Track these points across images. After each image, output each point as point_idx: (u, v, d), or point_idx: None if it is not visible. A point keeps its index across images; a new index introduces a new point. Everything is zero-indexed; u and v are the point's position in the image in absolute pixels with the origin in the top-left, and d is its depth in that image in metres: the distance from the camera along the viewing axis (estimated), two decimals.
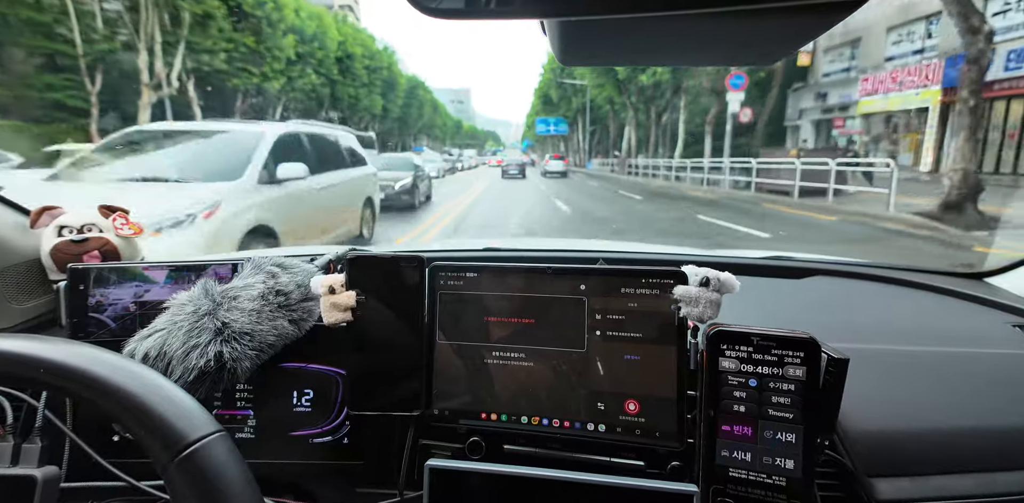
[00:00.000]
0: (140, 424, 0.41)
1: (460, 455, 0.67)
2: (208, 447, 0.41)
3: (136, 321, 0.76)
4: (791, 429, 0.54)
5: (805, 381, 0.54)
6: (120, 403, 0.42)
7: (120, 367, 0.44)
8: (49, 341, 0.45)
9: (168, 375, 0.59)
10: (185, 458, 0.40)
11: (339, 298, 0.64)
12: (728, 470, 0.56)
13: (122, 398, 0.42)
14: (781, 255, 1.29)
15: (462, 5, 0.32)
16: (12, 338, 0.45)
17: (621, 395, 0.62)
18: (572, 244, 1.50)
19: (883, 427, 0.65)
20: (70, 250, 0.87)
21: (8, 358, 0.43)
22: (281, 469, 0.72)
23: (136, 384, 0.43)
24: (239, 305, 0.65)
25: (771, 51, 0.42)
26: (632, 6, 0.30)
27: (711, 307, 0.59)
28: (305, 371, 0.74)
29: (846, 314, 0.99)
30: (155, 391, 0.43)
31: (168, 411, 0.42)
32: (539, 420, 0.64)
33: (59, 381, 0.43)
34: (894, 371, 0.75)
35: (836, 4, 0.32)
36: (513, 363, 0.65)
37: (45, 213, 0.90)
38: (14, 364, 0.43)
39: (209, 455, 0.40)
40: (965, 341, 0.84)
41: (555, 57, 0.42)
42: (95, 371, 0.43)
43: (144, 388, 0.43)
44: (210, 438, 0.41)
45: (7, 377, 0.46)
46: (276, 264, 0.73)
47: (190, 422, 0.42)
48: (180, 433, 0.41)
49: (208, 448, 0.41)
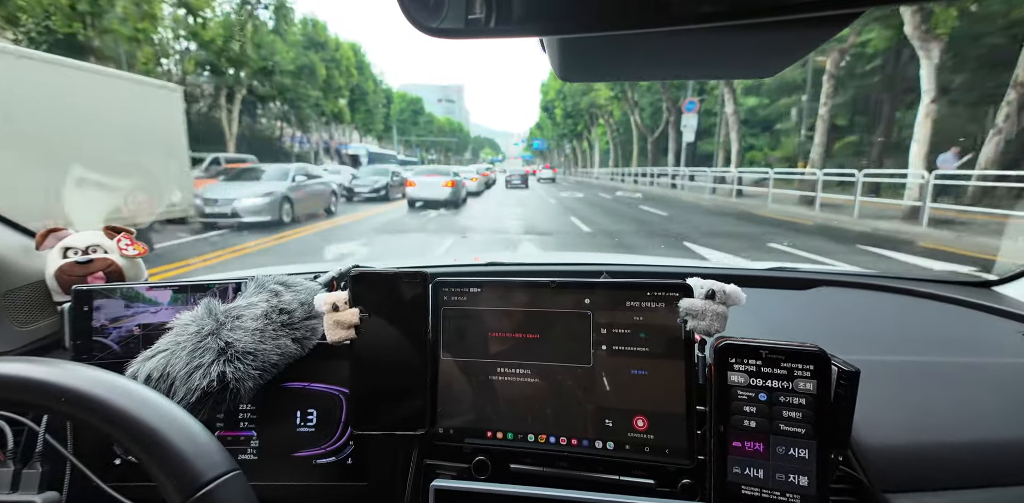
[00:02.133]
0: (155, 460, 0.41)
1: (466, 475, 0.66)
2: (222, 488, 0.40)
3: (140, 342, 0.76)
4: (803, 444, 0.53)
5: (816, 395, 0.53)
6: (136, 437, 0.41)
7: (138, 397, 0.43)
8: (65, 366, 0.44)
9: (171, 396, 0.58)
10: (199, 499, 0.39)
11: (343, 316, 0.64)
12: (740, 487, 0.55)
13: (139, 432, 0.41)
14: (785, 266, 1.29)
15: (462, 25, 0.32)
16: (30, 362, 0.44)
17: (629, 411, 0.61)
18: (575, 257, 1.50)
19: (897, 441, 0.64)
20: (75, 271, 0.87)
21: (24, 383, 0.42)
22: (284, 491, 0.71)
23: (155, 417, 0.42)
24: (242, 324, 0.65)
25: (769, 63, 0.42)
26: (629, 23, 0.31)
27: (718, 320, 0.58)
28: (308, 390, 0.73)
29: (853, 325, 0.98)
30: (173, 426, 0.42)
31: (186, 448, 0.41)
32: (546, 438, 0.63)
33: (75, 410, 0.42)
34: (905, 382, 0.73)
35: (832, 17, 0.32)
36: (518, 379, 0.64)
37: (50, 235, 0.91)
38: (31, 389, 0.42)
39: (223, 497, 0.40)
40: (975, 351, 0.83)
41: (555, 73, 0.42)
42: (114, 401, 0.42)
43: (163, 422, 0.42)
44: (225, 478, 0.41)
45: (21, 403, 0.45)
46: (279, 282, 0.73)
47: (206, 460, 0.41)
48: (196, 472, 0.40)
49: (222, 489, 0.40)
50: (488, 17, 0.32)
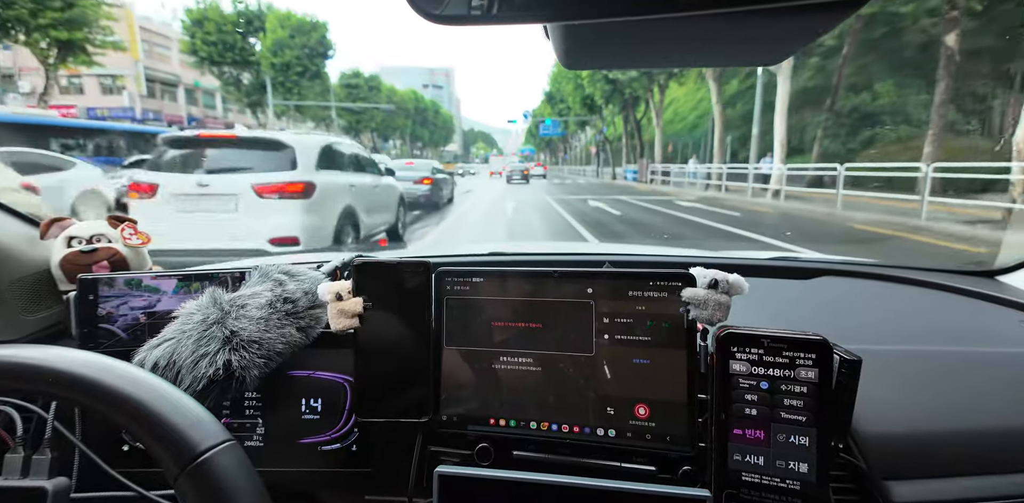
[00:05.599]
0: (151, 434, 0.41)
1: (469, 461, 0.67)
2: (218, 456, 0.41)
3: (146, 330, 0.77)
4: (804, 432, 0.54)
5: (817, 383, 0.53)
6: (130, 413, 0.42)
7: (130, 376, 0.44)
8: (55, 350, 0.45)
9: (177, 384, 0.59)
10: (196, 468, 0.40)
11: (346, 305, 0.64)
12: (741, 474, 0.55)
13: (132, 408, 0.42)
14: (787, 256, 1.29)
15: (465, 11, 0.32)
16: (19, 348, 0.45)
17: (631, 399, 0.62)
18: (578, 247, 1.50)
19: (897, 429, 0.64)
20: (79, 261, 0.88)
21: (15, 368, 0.43)
22: (290, 477, 0.72)
23: (146, 393, 0.43)
24: (247, 313, 0.65)
25: (775, 51, 0.42)
26: (634, 9, 0.30)
27: (720, 309, 0.58)
28: (313, 379, 0.74)
29: (856, 314, 0.98)
30: (165, 400, 0.43)
31: (179, 421, 0.42)
32: (548, 425, 0.64)
33: (67, 391, 0.42)
34: (907, 371, 0.74)
35: (838, 4, 0.32)
36: (521, 368, 0.65)
37: (55, 224, 0.91)
38: (21, 373, 0.43)
39: (220, 465, 0.40)
40: (978, 340, 0.83)
41: (559, 61, 0.42)
42: (104, 380, 0.43)
43: (154, 397, 0.43)
44: (220, 447, 0.41)
45: (14, 388, 0.46)
46: (283, 272, 0.73)
47: (200, 431, 0.42)
48: (191, 443, 0.41)
49: (218, 457, 0.41)
50: (492, 3, 0.32)
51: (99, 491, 0.65)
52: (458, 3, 0.32)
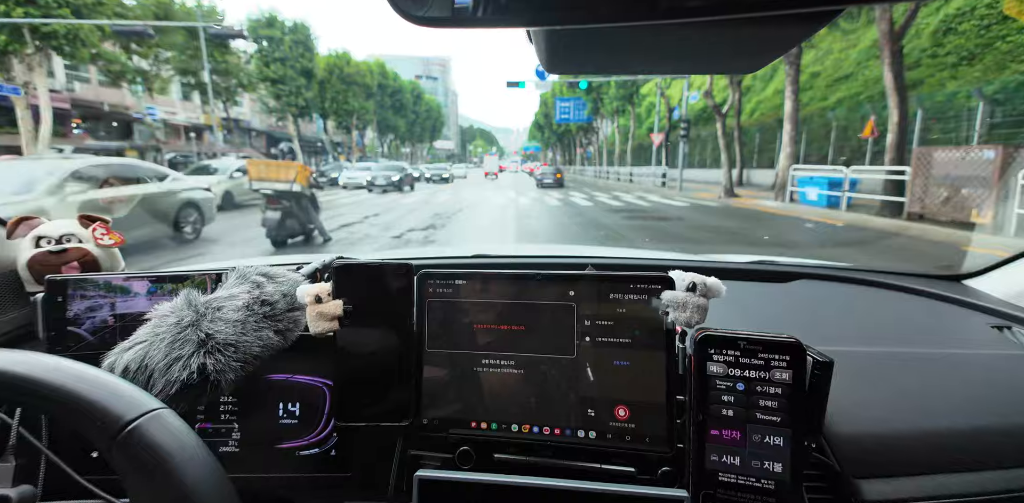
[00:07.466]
0: (75, 414, 0.41)
1: (450, 465, 0.67)
2: (145, 425, 0.41)
3: (116, 333, 0.74)
4: (778, 432, 0.55)
5: (791, 384, 0.54)
6: (50, 398, 0.42)
7: (41, 364, 0.44)
8: None
9: (149, 388, 0.57)
10: (124, 439, 0.40)
11: (326, 307, 0.63)
12: (718, 474, 0.56)
13: (51, 392, 0.42)
14: (765, 259, 1.31)
15: (448, 13, 0.32)
16: None
17: (611, 401, 0.62)
18: (561, 250, 1.50)
19: (869, 429, 0.66)
20: (48, 261, 0.85)
21: None
22: (267, 483, 0.71)
23: (62, 376, 0.43)
24: (223, 316, 0.64)
25: (754, 58, 0.43)
26: (618, 16, 0.31)
27: (698, 312, 0.59)
28: (291, 382, 0.73)
29: (830, 317, 1.01)
30: (82, 380, 0.43)
31: (99, 396, 0.41)
32: (530, 428, 0.64)
33: None
34: (879, 373, 0.76)
35: (816, 14, 0.32)
36: (503, 370, 0.65)
37: (22, 223, 0.88)
38: None
39: (147, 433, 0.40)
40: (947, 342, 0.86)
41: (541, 65, 0.42)
42: (17, 371, 0.42)
43: (71, 379, 0.43)
44: (147, 416, 0.41)
45: None
46: (261, 273, 0.72)
47: (123, 404, 0.41)
48: (113, 416, 0.40)
49: (145, 426, 0.41)
50: (475, 6, 0.32)
51: (66, 499, 0.63)
52: (441, 5, 0.32)
